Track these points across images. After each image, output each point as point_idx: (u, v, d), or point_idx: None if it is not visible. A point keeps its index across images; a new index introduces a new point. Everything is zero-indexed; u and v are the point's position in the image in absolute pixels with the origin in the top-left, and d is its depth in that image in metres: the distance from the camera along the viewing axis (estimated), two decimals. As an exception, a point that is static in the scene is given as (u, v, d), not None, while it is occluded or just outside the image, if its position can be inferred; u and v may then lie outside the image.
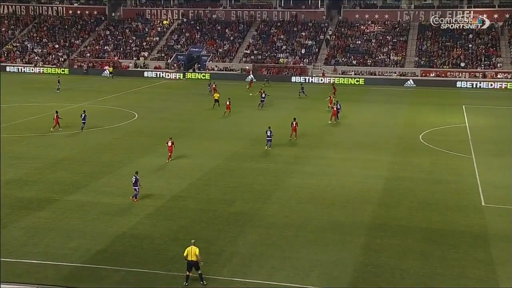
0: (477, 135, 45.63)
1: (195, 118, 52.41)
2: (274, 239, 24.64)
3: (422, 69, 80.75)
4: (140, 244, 24.00)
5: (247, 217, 27.28)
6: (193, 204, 29.05)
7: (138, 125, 49.09)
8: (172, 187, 31.59)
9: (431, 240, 24.61)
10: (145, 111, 55.85)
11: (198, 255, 20.56)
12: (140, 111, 55.40)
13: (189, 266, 20.63)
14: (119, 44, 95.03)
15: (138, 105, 59.18)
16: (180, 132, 46.12)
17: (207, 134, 45.73)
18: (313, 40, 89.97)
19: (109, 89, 69.26)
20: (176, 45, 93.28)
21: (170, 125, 48.97)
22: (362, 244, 24.19)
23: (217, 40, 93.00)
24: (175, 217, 27.10)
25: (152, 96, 67.23)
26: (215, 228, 25.85)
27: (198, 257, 20.58)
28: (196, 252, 20.56)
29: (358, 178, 33.69)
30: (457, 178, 33.82)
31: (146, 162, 36.83)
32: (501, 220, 27.13)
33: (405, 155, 39.21)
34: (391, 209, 28.56)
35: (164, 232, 25.24)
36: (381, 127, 47.63)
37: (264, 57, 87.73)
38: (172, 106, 60.12)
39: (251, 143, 42.92)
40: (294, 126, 42.84)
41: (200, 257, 20.64)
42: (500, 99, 66.34)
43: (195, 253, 20.54)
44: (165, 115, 54.30)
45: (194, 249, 20.63)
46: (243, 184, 32.49)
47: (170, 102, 62.53)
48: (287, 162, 37.26)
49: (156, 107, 58.75)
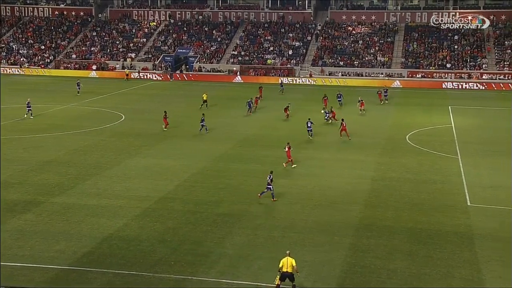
0: (463, 135, 45.98)
1: (182, 119, 52.29)
2: (261, 240, 24.66)
3: (409, 70, 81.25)
4: (127, 246, 23.90)
5: (234, 218, 27.27)
6: (181, 205, 28.98)
7: (125, 126, 48.91)
8: (159, 189, 31.48)
9: (417, 240, 24.76)
10: (132, 112, 55.66)
11: (295, 266, 19.86)
12: (127, 112, 55.20)
13: (284, 277, 19.91)
14: (105, 45, 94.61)
15: (125, 107, 58.98)
16: (167, 133, 46.04)
17: (195, 135, 45.64)
18: (300, 41, 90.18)
19: (95, 91, 68.87)
20: (163, 46, 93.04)
21: (157, 126, 48.78)
22: (349, 245, 24.28)
23: (204, 41, 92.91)
24: (162, 219, 27.00)
25: (139, 98, 67.05)
26: (202, 229, 25.81)
27: (295, 268, 19.89)
28: (293, 263, 19.83)
29: (346, 178, 33.81)
30: (443, 178, 34.04)
31: (133, 164, 36.70)
32: (486, 219, 27.36)
33: (392, 156, 39.41)
34: (378, 209, 28.69)
35: (151, 234, 25.15)
36: (368, 128, 47.81)
37: (252, 58, 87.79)
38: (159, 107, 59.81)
39: (239, 144, 42.91)
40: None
41: (296, 268, 19.94)
42: (485, 99, 66.93)
43: (291, 264, 19.85)
44: (152, 116, 54.00)
45: (290, 260, 19.89)
46: (231, 185, 32.47)
47: (157, 104, 62.31)
48: (275, 163, 37.20)
49: (143, 109, 58.56)
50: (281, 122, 51.14)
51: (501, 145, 42.73)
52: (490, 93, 72.82)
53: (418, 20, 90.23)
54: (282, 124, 50.12)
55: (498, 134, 46.67)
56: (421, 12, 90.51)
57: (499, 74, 78.18)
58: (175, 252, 23.33)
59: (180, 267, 22.03)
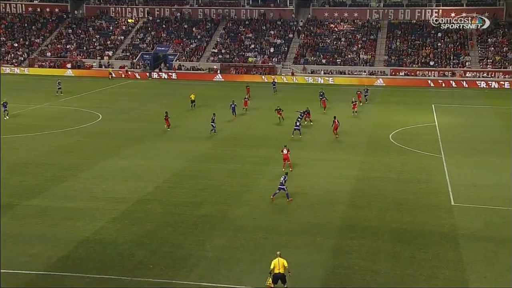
0: (446, 134, 46.38)
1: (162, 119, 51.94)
2: (243, 242, 24.60)
3: (392, 68, 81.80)
4: (104, 249, 23.68)
5: (215, 220, 27.17)
6: (159, 207, 28.80)
7: (102, 127, 48.52)
8: (138, 190, 31.26)
9: (401, 241, 24.90)
10: (110, 112, 55.24)
11: (287, 266, 19.81)
12: (104, 112, 54.77)
13: (276, 279, 19.77)
14: (82, 43, 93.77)
15: (103, 106, 58.55)
16: (146, 134, 45.78)
17: (174, 135, 45.44)
18: (282, 39, 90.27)
19: (72, 90, 68.19)
20: (141, 44, 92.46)
21: (136, 126, 48.52)
22: (332, 246, 24.33)
23: (184, 38, 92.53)
24: (140, 221, 26.82)
25: (116, 97, 66.59)
26: (182, 231, 25.68)
27: (287, 268, 19.84)
28: (285, 264, 19.79)
29: (329, 178, 33.89)
30: (427, 178, 34.29)
31: (111, 165, 36.42)
32: (470, 219, 27.61)
33: (375, 155, 39.60)
34: (361, 209, 28.80)
35: (129, 237, 24.95)
36: (351, 127, 47.96)
37: (232, 56, 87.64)
38: (138, 106, 59.55)
39: (219, 143, 42.80)
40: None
41: (288, 268, 19.89)
42: (469, 97, 67.57)
43: (283, 265, 19.79)
44: (131, 116, 53.77)
45: (282, 260, 19.85)
46: (211, 186, 32.35)
47: (136, 103, 61.94)
48: (256, 163, 37.25)
49: (121, 108, 58.17)
50: (263, 121, 51.10)
51: (484, 143, 43.23)
52: (474, 91, 73.57)
53: (401, 17, 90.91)
54: (264, 124, 50.06)
55: (481, 133, 47.23)
56: (404, 9, 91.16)
57: (483, 72, 79.04)
58: (154, 255, 23.16)
59: (159, 271, 21.88)
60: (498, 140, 44.01)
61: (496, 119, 53.31)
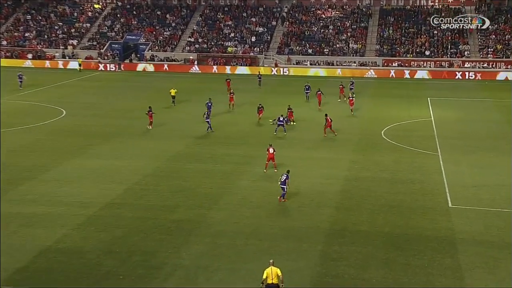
0: (443, 130, 46.76)
1: (132, 115, 51.74)
2: (222, 249, 24.57)
3: (384, 58, 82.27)
4: (69, 259, 23.48)
5: (191, 225, 27.10)
6: (130, 212, 28.66)
7: (66, 123, 48.15)
8: (106, 193, 31.07)
9: (394, 246, 25.03)
10: (75, 107, 54.86)
11: (281, 276, 19.82)
12: (68, 107, 54.38)
13: None
14: (42, 31, 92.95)
15: (66, 100, 58.07)
16: (115, 131, 45.52)
17: (147, 133, 45.24)
18: (264, 27, 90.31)
19: (31, 82, 67.51)
20: (109, 32, 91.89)
21: (104, 123, 48.24)
22: (319, 252, 24.38)
23: (156, 26, 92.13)
24: (109, 228, 26.66)
25: (82, 90, 66.10)
26: (155, 238, 25.58)
27: (281, 278, 19.83)
28: (279, 273, 19.81)
29: (315, 179, 33.99)
30: (422, 178, 34.54)
31: (76, 165, 36.18)
32: (469, 222, 27.84)
33: (366, 153, 39.80)
34: (351, 212, 28.91)
35: (96, 245, 24.79)
36: (340, 123, 48.10)
37: (210, 46, 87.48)
38: (106, 101, 59.18)
39: (196, 142, 42.71)
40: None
41: (282, 278, 19.88)
42: (468, 90, 68.21)
43: (276, 274, 19.79)
44: (98, 111, 53.45)
45: (275, 269, 19.84)
46: (187, 188, 32.28)
47: (104, 97, 61.51)
48: (236, 163, 37.22)
49: (87, 103, 57.73)
50: (244, 117, 51.07)
51: (484, 139, 43.65)
52: (473, 83, 74.29)
53: (394, 2, 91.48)
54: (245, 120, 50.03)
55: (481, 128, 47.68)
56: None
57: (483, 62, 79.72)
58: (124, 265, 23.03)
59: (130, 282, 21.77)
60: (499, 136, 44.48)
61: (497, 113, 53.90)
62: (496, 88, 68.87)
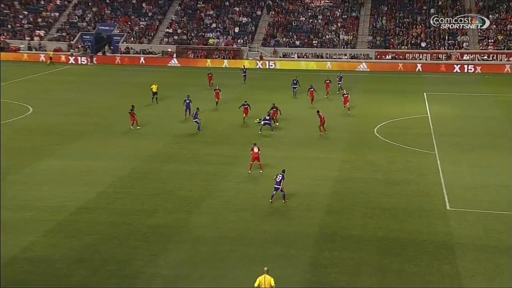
0: (440, 127, 47.05)
1: (106, 112, 51.55)
2: (204, 256, 24.59)
3: (377, 50, 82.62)
4: (36, 269, 23.38)
5: (170, 230, 27.10)
6: (103, 216, 28.59)
7: (34, 121, 47.95)
8: (77, 197, 30.98)
9: (388, 252, 25.17)
10: (42, 103, 54.59)
11: (273, 285, 19.91)
12: (35, 103, 54.12)
13: None
14: (5, 20, 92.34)
15: (33, 97, 57.82)
16: (87, 129, 45.35)
17: (121, 131, 45.10)
18: (248, 17, 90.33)
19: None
20: (80, 22, 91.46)
21: (75, 121, 47.99)
22: (308, 259, 24.47)
23: (132, 16, 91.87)
24: (80, 234, 26.57)
25: (51, 85, 65.77)
26: (130, 245, 25.53)
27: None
28: (272, 283, 19.92)
29: (304, 180, 34.06)
30: (418, 178, 34.75)
31: (44, 167, 36.03)
32: (468, 226, 28.04)
33: (358, 152, 39.96)
34: (342, 216, 29.03)
35: (67, 253, 24.70)
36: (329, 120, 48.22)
37: (190, 38, 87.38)
38: (77, 97, 58.91)
39: (175, 140, 42.68)
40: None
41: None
42: (467, 84, 68.74)
43: (269, 284, 19.88)
44: (68, 109, 53.18)
45: (268, 278, 19.95)
46: (166, 190, 32.26)
47: (75, 93, 61.22)
48: (219, 163, 37.23)
49: (57, 99, 57.46)
50: (226, 114, 51.08)
51: (484, 137, 43.97)
52: (473, 76, 74.82)
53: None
54: (228, 117, 50.02)
55: (481, 125, 48.00)
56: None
57: (482, 54, 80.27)
58: (96, 274, 22.98)
59: (103, 292, 21.74)
60: (499, 134, 44.84)
61: (498, 109, 54.31)
62: (497, 82, 69.43)
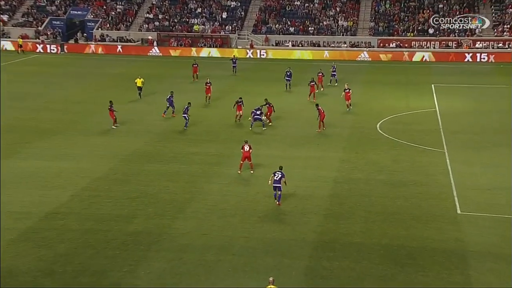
0: (450, 122, 47.18)
1: (79, 107, 51.41)
2: (189, 266, 24.57)
3: (380, 37, 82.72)
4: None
5: (151, 237, 27.07)
6: (77, 223, 28.50)
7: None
8: (47, 201, 30.90)
9: (393, 261, 25.20)
10: (6, 97, 54.22)
11: None
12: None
13: None
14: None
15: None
16: (57, 126, 45.21)
17: (96, 128, 45.03)
18: (237, 1, 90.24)
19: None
20: (49, 6, 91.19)
21: (42, 117, 47.83)
22: (305, 269, 24.48)
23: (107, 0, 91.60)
24: (50, 243, 26.48)
25: (15, 77, 65.55)
26: (107, 255, 25.47)
27: None
28: None
29: (299, 181, 34.04)
30: (425, 179, 34.82)
31: (9, 168, 35.86)
32: (482, 232, 28.11)
33: (359, 151, 40.01)
34: (341, 221, 29.05)
35: (34, 264, 24.60)
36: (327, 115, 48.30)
37: (173, 24, 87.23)
38: (46, 90, 58.70)
39: (156, 138, 42.63)
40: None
41: None
42: (479, 75, 68.90)
43: None
44: (35, 103, 53.00)
45: None
46: (146, 193, 32.22)
47: (43, 85, 60.99)
48: (206, 163, 37.21)
49: (22, 92, 57.32)
50: (213, 109, 51.15)
51: (499, 134, 44.00)
52: (486, 66, 75.01)
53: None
54: (215, 112, 50.04)
55: (495, 121, 48.07)
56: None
57: (497, 42, 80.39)
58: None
59: (77, 307, 21.73)
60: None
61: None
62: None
